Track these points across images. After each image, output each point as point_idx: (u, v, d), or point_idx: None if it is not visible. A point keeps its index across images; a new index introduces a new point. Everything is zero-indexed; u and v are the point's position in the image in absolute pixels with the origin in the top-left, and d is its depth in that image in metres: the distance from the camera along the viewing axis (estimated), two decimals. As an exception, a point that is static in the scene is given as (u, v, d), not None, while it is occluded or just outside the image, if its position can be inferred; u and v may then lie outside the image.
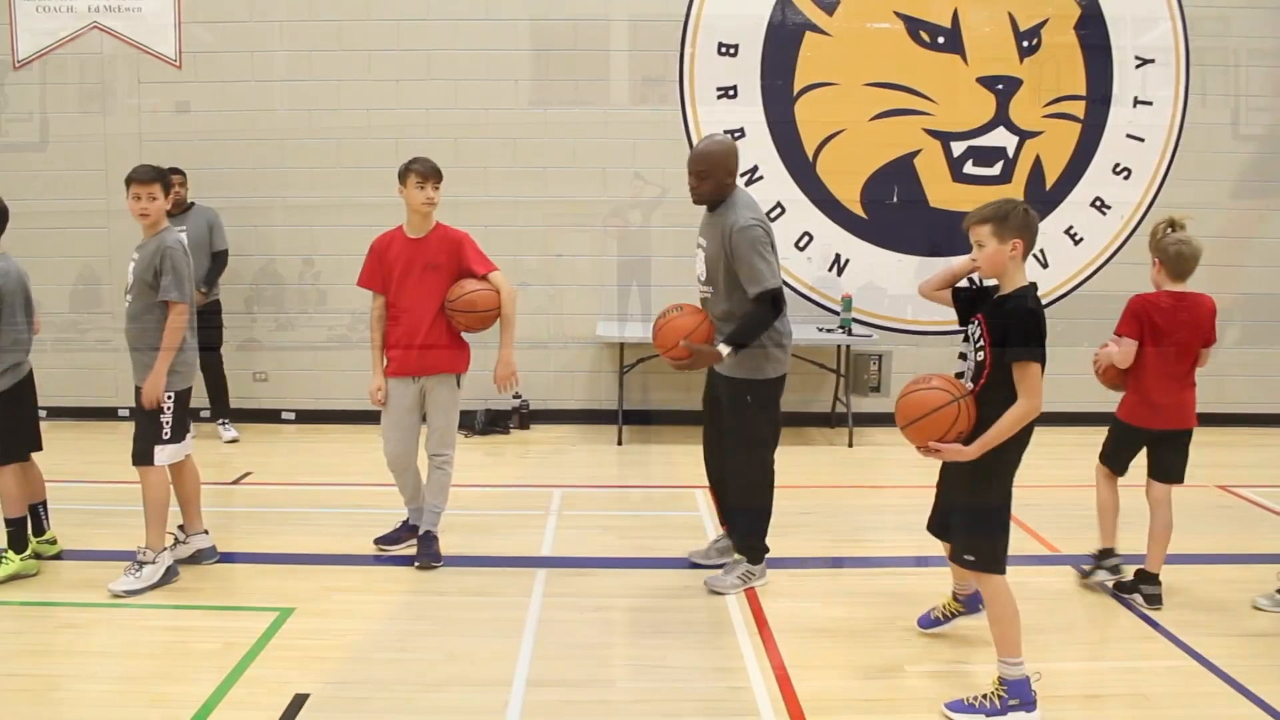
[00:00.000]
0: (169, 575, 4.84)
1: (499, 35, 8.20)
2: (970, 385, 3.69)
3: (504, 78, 8.23)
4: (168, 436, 4.80)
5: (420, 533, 5.20)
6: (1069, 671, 4.06)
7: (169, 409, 4.79)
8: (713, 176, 4.64)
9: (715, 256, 4.67)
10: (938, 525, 4.04)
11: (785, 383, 4.84)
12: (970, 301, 3.86)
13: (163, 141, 8.04)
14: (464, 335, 5.18)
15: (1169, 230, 4.68)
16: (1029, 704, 3.62)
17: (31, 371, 4.98)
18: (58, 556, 5.14)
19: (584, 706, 3.74)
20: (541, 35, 8.22)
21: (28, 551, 4.90)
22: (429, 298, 5.04)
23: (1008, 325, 3.58)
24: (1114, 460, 4.92)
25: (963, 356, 3.79)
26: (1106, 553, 4.96)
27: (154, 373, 4.73)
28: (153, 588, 4.74)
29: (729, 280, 4.64)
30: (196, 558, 5.08)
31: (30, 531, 5.01)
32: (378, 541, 5.35)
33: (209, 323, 7.72)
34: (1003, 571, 3.67)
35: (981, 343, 3.65)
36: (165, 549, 4.86)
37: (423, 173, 5.01)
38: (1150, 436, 4.79)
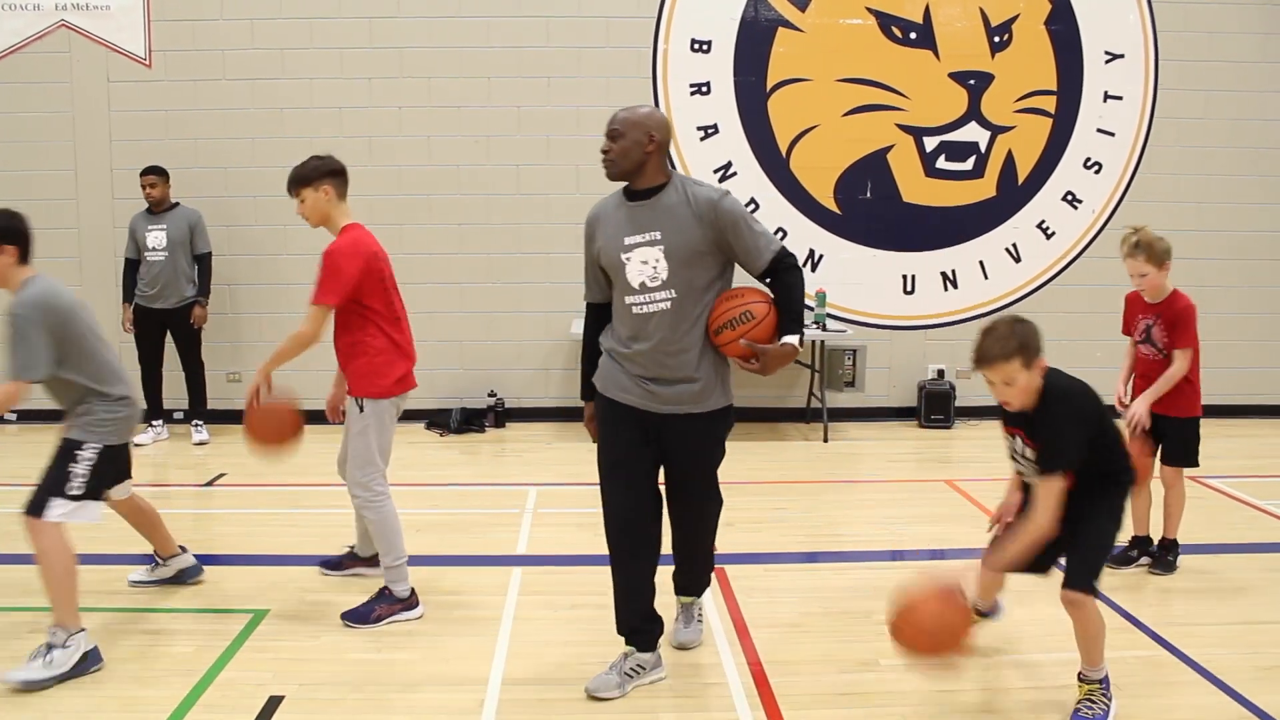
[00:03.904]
0: (87, 662, 3.87)
1: (471, 32, 8.19)
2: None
3: (477, 75, 8.21)
4: (73, 492, 3.91)
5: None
6: (1044, 662, 4.09)
7: (84, 459, 3.96)
8: (628, 135, 3.70)
9: (683, 245, 3.68)
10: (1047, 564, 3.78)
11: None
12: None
13: (132, 141, 7.98)
14: (379, 355, 4.60)
15: (1136, 234, 4.83)
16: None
17: None
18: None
19: (559, 704, 3.74)
20: (514, 32, 8.21)
21: None
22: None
23: (1045, 437, 3.46)
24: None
25: (1019, 473, 3.71)
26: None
27: None
28: (64, 678, 3.80)
29: (703, 273, 3.70)
30: (180, 577, 4.85)
31: None
32: (321, 565, 5.02)
33: (186, 324, 7.71)
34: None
35: (1032, 456, 3.53)
36: (81, 630, 3.89)
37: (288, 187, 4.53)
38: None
